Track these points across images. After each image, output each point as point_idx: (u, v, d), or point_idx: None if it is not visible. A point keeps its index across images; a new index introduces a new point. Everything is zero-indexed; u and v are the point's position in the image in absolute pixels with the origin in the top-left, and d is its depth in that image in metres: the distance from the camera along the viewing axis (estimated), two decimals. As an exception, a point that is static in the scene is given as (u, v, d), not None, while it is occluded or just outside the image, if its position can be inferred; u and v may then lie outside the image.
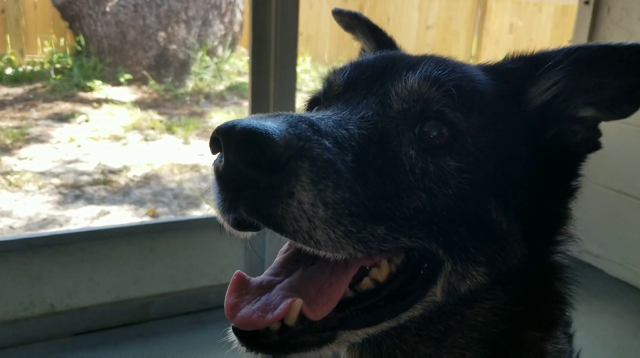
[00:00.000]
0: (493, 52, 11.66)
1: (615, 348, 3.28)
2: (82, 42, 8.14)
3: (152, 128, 6.83)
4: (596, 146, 1.11)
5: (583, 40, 3.99)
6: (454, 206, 0.97)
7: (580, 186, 1.12)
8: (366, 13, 10.18)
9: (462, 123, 1.00)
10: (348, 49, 10.36)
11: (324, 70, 8.00)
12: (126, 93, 7.85)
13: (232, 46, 9.07)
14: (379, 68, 1.08)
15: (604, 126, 1.11)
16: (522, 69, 1.12)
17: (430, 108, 1.00)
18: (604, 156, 3.95)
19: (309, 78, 9.35)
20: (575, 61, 1.06)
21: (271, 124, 0.81)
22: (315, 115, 0.92)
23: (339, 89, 1.10)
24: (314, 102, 1.18)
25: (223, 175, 0.84)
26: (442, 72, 1.02)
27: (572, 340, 1.49)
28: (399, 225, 0.91)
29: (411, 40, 10.88)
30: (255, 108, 3.18)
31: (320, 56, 10.17)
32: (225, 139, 0.82)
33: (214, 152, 0.87)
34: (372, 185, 0.90)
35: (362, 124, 0.95)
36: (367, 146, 0.93)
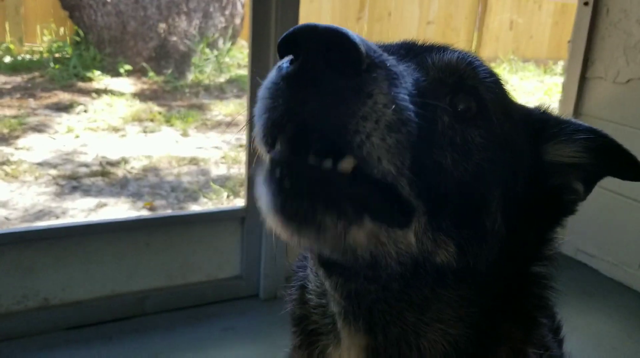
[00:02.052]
0: (493, 48, 11.65)
1: (609, 348, 3.29)
2: (81, 33, 8.11)
3: (151, 120, 6.82)
4: (573, 211, 1.19)
5: (582, 41, 3.99)
6: (465, 181, 0.97)
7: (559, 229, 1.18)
8: (367, 8, 10.19)
9: (492, 104, 1.02)
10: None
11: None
12: (126, 84, 7.83)
13: (233, 38, 9.04)
14: (409, 45, 1.10)
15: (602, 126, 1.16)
16: (548, 124, 1.16)
17: (464, 82, 1.02)
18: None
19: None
20: (596, 147, 1.13)
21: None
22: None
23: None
24: None
25: (296, 75, 0.81)
26: (479, 61, 1.07)
27: (562, 345, 1.50)
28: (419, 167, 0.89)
29: (411, 35, 10.81)
30: (254, 101, 3.17)
31: (320, 49, 10.14)
32: (306, 38, 0.78)
33: (283, 55, 0.84)
34: (421, 138, 0.89)
35: (411, 71, 0.96)
36: (417, 86, 0.93)
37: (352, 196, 0.83)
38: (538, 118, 1.17)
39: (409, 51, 1.06)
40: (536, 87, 10.51)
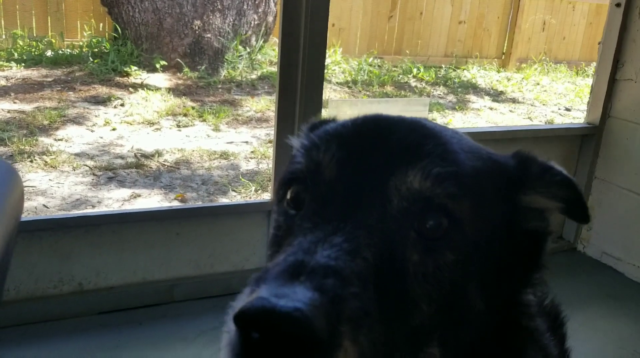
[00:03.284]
0: (525, 49, 11.51)
1: (631, 351, 3.28)
2: (119, 29, 8.32)
3: (185, 115, 6.97)
4: (551, 233, 1.17)
5: (613, 42, 3.98)
6: (441, 304, 0.97)
7: (545, 265, 1.18)
8: (398, 7, 10.13)
9: (461, 212, 0.98)
10: (380, 43, 10.36)
11: (354, 63, 7.90)
12: (161, 79, 8.00)
13: (265, 36, 9.15)
14: (370, 149, 1.03)
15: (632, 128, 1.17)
16: (523, 171, 1.14)
17: (431, 203, 0.98)
18: (627, 159, 3.97)
19: (339, 70, 9.38)
20: (568, 197, 1.13)
21: (303, 298, 0.78)
22: (332, 253, 0.88)
23: (330, 175, 1.02)
24: (294, 181, 1.09)
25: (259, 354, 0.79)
26: (443, 166, 0.99)
27: (565, 341, 1.52)
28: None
29: (443, 34, 10.80)
30: (282, 99, 3.24)
31: (351, 48, 10.18)
32: (260, 328, 0.77)
33: (243, 329, 0.80)
34: (390, 307, 0.90)
35: (370, 241, 0.92)
36: (381, 264, 0.91)
37: None
38: (515, 168, 1.13)
39: (372, 164, 1.00)
40: (567, 89, 10.38)
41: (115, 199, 4.90)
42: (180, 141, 6.27)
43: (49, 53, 8.26)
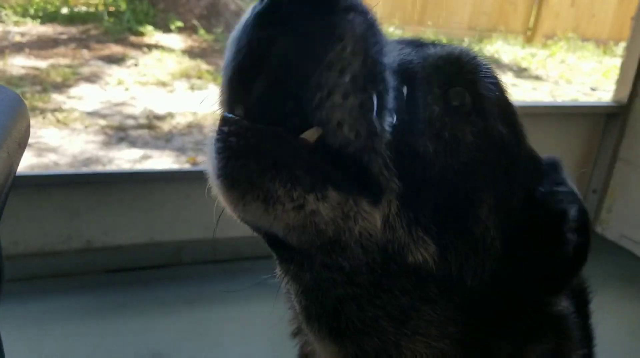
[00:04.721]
0: (551, 25, 11.25)
1: (645, 337, 3.24)
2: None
3: (199, 77, 6.89)
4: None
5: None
6: (449, 178, 0.86)
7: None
8: (423, -23, 9.70)
9: (490, 103, 0.92)
10: (402, 12, 10.16)
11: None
12: (176, 41, 7.90)
13: None
14: (414, 41, 1.00)
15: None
16: (551, 167, 1.05)
17: (463, 75, 0.91)
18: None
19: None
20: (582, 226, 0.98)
21: None
22: None
23: None
24: None
25: (266, 12, 0.72)
26: (487, 64, 0.96)
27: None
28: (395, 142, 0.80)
29: (467, 6, 10.58)
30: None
31: (372, 15, 10.00)
32: None
33: None
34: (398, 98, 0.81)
35: (403, 55, 0.89)
36: (408, 65, 0.87)
37: (311, 164, 0.73)
38: (544, 161, 1.06)
39: (415, 44, 0.97)
40: (594, 69, 10.15)
41: (126, 160, 4.85)
42: (194, 103, 6.20)
43: (64, 10, 8.17)
